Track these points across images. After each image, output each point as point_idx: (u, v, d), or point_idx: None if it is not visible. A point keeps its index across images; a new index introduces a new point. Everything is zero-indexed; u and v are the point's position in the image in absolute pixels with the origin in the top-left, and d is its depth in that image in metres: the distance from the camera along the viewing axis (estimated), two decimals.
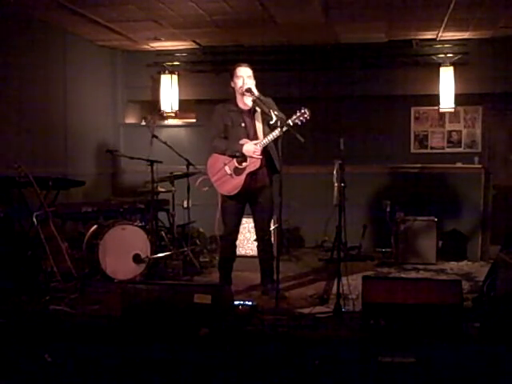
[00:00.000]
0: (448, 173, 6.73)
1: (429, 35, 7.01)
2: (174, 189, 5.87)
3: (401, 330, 3.52)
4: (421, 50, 7.26)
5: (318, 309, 4.25)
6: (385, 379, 3.07)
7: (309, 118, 4.32)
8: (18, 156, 5.15)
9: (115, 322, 3.82)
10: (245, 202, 4.68)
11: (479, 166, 6.96)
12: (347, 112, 7.59)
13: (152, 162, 5.51)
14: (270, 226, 4.81)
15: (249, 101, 4.52)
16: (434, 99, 7.17)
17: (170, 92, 7.70)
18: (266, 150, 4.50)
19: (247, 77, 4.53)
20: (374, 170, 7.05)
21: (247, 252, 6.36)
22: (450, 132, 7.60)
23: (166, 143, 5.70)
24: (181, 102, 7.78)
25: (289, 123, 4.29)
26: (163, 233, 6.11)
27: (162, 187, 5.98)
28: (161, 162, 5.61)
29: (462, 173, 6.72)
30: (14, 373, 3.22)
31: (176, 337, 3.50)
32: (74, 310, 4.16)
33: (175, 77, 7.73)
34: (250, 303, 3.95)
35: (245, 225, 5.96)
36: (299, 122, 4.32)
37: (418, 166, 6.97)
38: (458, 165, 7.09)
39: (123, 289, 3.87)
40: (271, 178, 4.67)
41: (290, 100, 5.95)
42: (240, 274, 5.15)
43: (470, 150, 7.51)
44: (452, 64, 7.07)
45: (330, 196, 5.76)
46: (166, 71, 7.70)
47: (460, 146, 7.57)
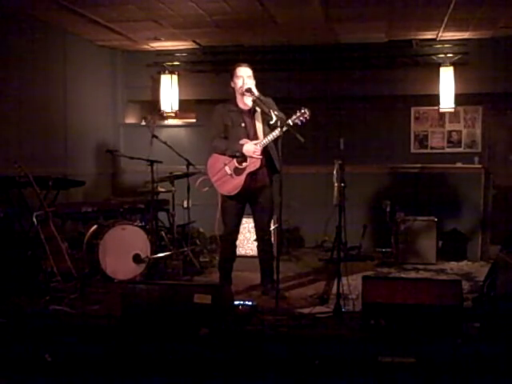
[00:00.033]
0: (448, 173, 6.73)
1: (429, 35, 7.00)
2: (174, 189, 5.87)
3: (401, 329, 3.52)
4: (421, 50, 7.25)
5: (318, 309, 4.25)
6: (385, 379, 3.07)
7: (309, 117, 4.32)
8: (18, 156, 5.14)
9: (115, 322, 3.82)
10: (245, 202, 4.67)
11: (479, 166, 6.96)
12: (347, 112, 7.58)
13: (152, 162, 5.51)
14: (270, 226, 4.80)
15: (249, 101, 4.52)
16: (434, 99, 7.17)
17: (170, 92, 7.69)
18: (266, 150, 4.50)
19: (247, 77, 4.53)
20: (373, 170, 7.04)
21: (247, 252, 6.36)
22: (449, 132, 7.60)
23: (166, 143, 5.70)
24: (181, 102, 7.78)
25: (289, 123, 4.28)
26: (163, 233, 6.11)
27: (161, 187, 5.98)
28: (161, 162, 5.61)
29: (461, 173, 6.72)
30: (14, 373, 3.22)
31: (176, 337, 3.50)
32: (73, 310, 4.16)
33: (175, 77, 7.72)
34: (250, 303, 3.95)
35: (245, 225, 5.95)
36: (299, 122, 4.32)
37: (418, 166, 6.97)
38: (458, 165, 7.09)
39: (123, 289, 3.87)
40: (271, 178, 4.67)
41: (289, 100, 5.94)
42: (240, 274, 5.15)
43: (469, 150, 7.50)
44: (452, 64, 7.06)
45: (330, 196, 5.76)
46: (166, 71, 7.70)
47: (460, 146, 7.56)
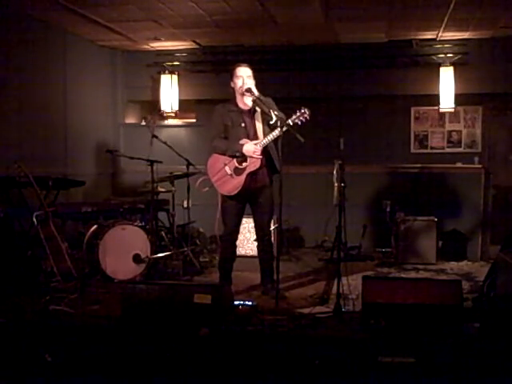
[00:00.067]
0: (448, 173, 6.73)
1: (429, 35, 7.00)
2: (174, 189, 5.87)
3: (401, 329, 3.52)
4: (421, 50, 7.25)
5: (318, 309, 4.25)
6: (385, 379, 3.07)
7: (309, 117, 4.32)
8: (18, 156, 5.14)
9: (115, 322, 3.82)
10: (245, 202, 4.67)
11: (479, 166, 6.96)
12: (347, 112, 7.58)
13: (152, 162, 5.51)
14: (270, 226, 4.80)
15: (249, 101, 4.52)
16: (434, 99, 7.17)
17: (170, 92, 7.69)
18: (266, 150, 4.50)
19: (247, 77, 4.52)
20: (374, 170, 7.04)
21: (247, 252, 6.36)
22: (450, 132, 7.60)
23: (166, 143, 5.70)
24: (181, 102, 7.78)
25: (289, 123, 4.28)
26: (163, 233, 6.10)
27: (161, 187, 5.98)
28: (161, 162, 5.61)
29: (462, 173, 6.72)
30: (14, 373, 3.22)
31: (176, 337, 3.50)
32: (73, 310, 4.16)
33: (175, 77, 7.72)
34: (250, 303, 3.94)
35: (245, 225, 5.95)
36: (299, 122, 4.31)
37: (418, 166, 6.97)
38: (458, 165, 7.09)
39: (123, 289, 3.88)
40: (271, 178, 4.67)
41: (289, 100, 5.94)
42: (240, 274, 5.15)
43: (469, 150, 7.50)
44: (452, 64, 7.06)
45: (330, 196, 5.77)
46: (166, 71, 7.70)
47: (460, 146, 7.56)
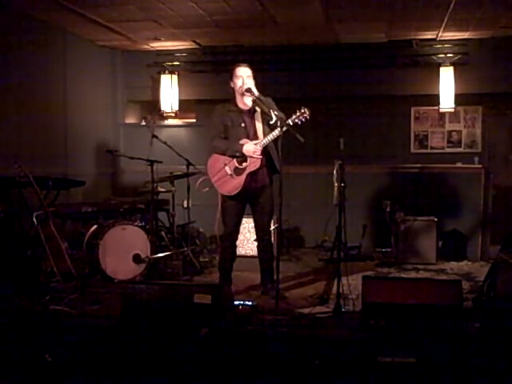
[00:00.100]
0: (448, 173, 6.74)
1: (429, 35, 7.00)
2: (174, 189, 5.87)
3: (401, 329, 3.52)
4: (421, 50, 7.24)
5: (318, 309, 4.25)
6: (385, 379, 3.07)
7: (308, 117, 4.32)
8: (18, 156, 5.14)
9: (115, 322, 3.82)
10: (245, 202, 4.67)
11: (479, 166, 6.96)
12: (347, 112, 7.58)
13: (152, 162, 5.51)
14: (270, 226, 4.80)
15: (249, 101, 4.52)
16: (434, 99, 7.16)
17: (170, 92, 7.69)
18: (266, 150, 4.50)
19: (247, 77, 4.52)
20: (373, 170, 7.05)
21: (247, 252, 6.36)
22: (450, 132, 7.59)
23: (166, 143, 5.71)
24: (181, 102, 7.77)
25: (288, 123, 4.28)
26: (163, 233, 6.11)
27: (161, 187, 5.99)
28: (161, 162, 5.61)
29: (462, 173, 6.73)
30: (14, 373, 3.23)
31: (176, 337, 3.50)
32: (74, 310, 4.16)
33: (175, 77, 7.72)
34: (250, 303, 3.94)
35: (245, 225, 5.96)
36: (299, 122, 4.31)
37: (418, 166, 6.97)
38: (458, 165, 7.09)
39: (123, 289, 3.87)
40: (271, 178, 4.67)
41: (289, 100, 5.94)
42: (240, 274, 5.15)
43: (469, 150, 7.49)
44: (452, 64, 7.06)
45: (330, 196, 5.77)
46: (166, 71, 7.70)
47: (460, 146, 7.55)
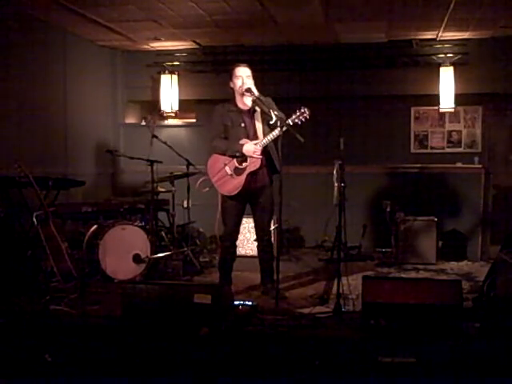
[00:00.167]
0: (448, 173, 6.73)
1: (429, 35, 7.00)
2: (174, 189, 5.87)
3: (401, 329, 3.52)
4: (421, 50, 7.25)
5: (318, 309, 4.25)
6: (385, 379, 3.07)
7: (308, 117, 4.31)
8: (18, 156, 5.14)
9: (115, 321, 3.82)
10: (245, 202, 4.67)
11: (479, 166, 6.96)
12: (347, 112, 7.58)
13: (152, 162, 5.51)
14: (270, 226, 4.80)
15: (248, 101, 4.52)
16: (434, 99, 7.17)
17: (170, 92, 7.69)
18: (266, 150, 4.49)
19: (246, 77, 4.52)
20: (373, 170, 7.04)
21: (247, 252, 6.36)
22: (450, 132, 7.60)
23: (166, 143, 5.71)
24: (181, 102, 7.78)
25: (288, 123, 4.28)
26: (163, 233, 6.11)
27: (161, 187, 5.99)
28: (161, 162, 5.61)
29: (462, 173, 6.72)
30: (14, 373, 3.22)
31: (176, 337, 3.50)
32: (73, 310, 4.16)
33: (175, 77, 7.72)
34: (250, 303, 3.95)
35: (245, 225, 5.95)
36: (299, 122, 4.31)
37: (418, 165, 6.97)
38: (458, 165, 7.09)
39: (123, 289, 3.87)
40: (271, 178, 4.66)
41: (289, 100, 5.94)
42: (240, 274, 5.15)
43: (469, 150, 7.50)
44: (452, 64, 7.07)
45: (329, 196, 5.77)
46: (166, 71, 7.70)
47: (460, 146, 7.56)
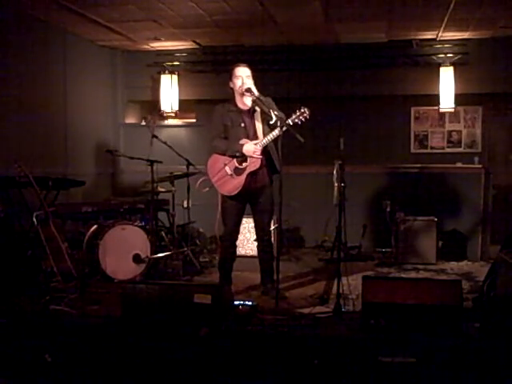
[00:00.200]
0: (448, 173, 6.73)
1: (429, 35, 7.01)
2: (174, 189, 5.87)
3: (401, 330, 3.52)
4: (421, 50, 7.26)
5: (318, 309, 4.25)
6: (385, 379, 3.07)
7: (308, 117, 4.31)
8: (18, 156, 5.14)
9: (115, 321, 3.82)
10: (245, 202, 4.67)
11: (479, 166, 6.96)
12: (347, 112, 7.58)
13: (152, 162, 5.51)
14: (270, 226, 4.80)
15: (248, 101, 4.52)
16: (434, 99, 7.17)
17: (170, 92, 7.70)
18: (265, 150, 4.49)
19: (246, 77, 4.52)
20: (373, 170, 7.04)
21: (247, 252, 6.36)
22: (450, 132, 7.60)
23: (166, 143, 5.70)
24: (181, 102, 7.78)
25: (288, 123, 4.28)
26: (163, 233, 6.10)
27: (161, 187, 5.99)
28: (161, 162, 5.61)
29: (462, 173, 6.72)
30: (14, 373, 3.23)
31: (176, 337, 3.50)
32: (74, 310, 4.16)
33: (175, 77, 7.73)
34: (250, 303, 3.94)
35: (245, 225, 5.95)
36: (299, 122, 4.31)
37: (418, 165, 6.97)
38: (458, 165, 7.09)
39: (123, 289, 3.87)
40: (271, 178, 4.66)
41: (289, 100, 5.95)
42: (240, 274, 5.15)
43: (469, 150, 7.51)
44: (452, 64, 7.07)
45: (330, 196, 5.77)
46: (166, 71, 7.70)
47: (460, 146, 7.56)
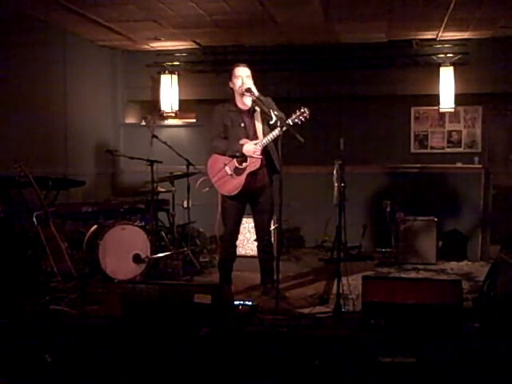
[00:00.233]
0: (448, 173, 6.73)
1: (429, 35, 7.01)
2: (174, 189, 5.87)
3: (401, 329, 3.52)
4: (421, 50, 7.26)
5: (318, 309, 4.25)
6: (385, 379, 3.07)
7: (308, 117, 4.31)
8: (18, 156, 5.14)
9: (115, 321, 3.82)
10: (245, 202, 4.67)
11: (479, 166, 6.96)
12: (347, 112, 7.58)
13: (152, 162, 5.51)
14: (270, 226, 4.80)
15: (248, 101, 4.51)
16: (434, 99, 7.17)
17: (170, 92, 7.70)
18: (265, 150, 4.49)
19: (246, 77, 4.52)
20: (373, 170, 7.04)
21: (247, 252, 6.36)
22: (450, 132, 7.60)
23: (166, 143, 5.70)
24: (181, 102, 7.78)
25: (288, 123, 4.27)
26: (163, 233, 6.10)
27: (161, 187, 5.99)
28: (161, 162, 5.61)
29: (462, 173, 6.72)
30: (14, 373, 3.23)
31: (176, 337, 3.50)
32: (73, 310, 4.15)
33: (175, 77, 7.73)
34: (250, 303, 3.94)
35: (245, 225, 5.95)
36: (299, 122, 4.30)
37: (418, 165, 6.97)
38: (458, 165, 7.09)
39: (123, 289, 3.87)
40: (271, 178, 4.66)
41: (289, 100, 5.95)
42: (240, 274, 5.15)
43: (469, 150, 7.51)
44: (452, 64, 7.07)
45: (329, 196, 5.77)
46: (166, 71, 7.70)
47: (460, 146, 7.57)
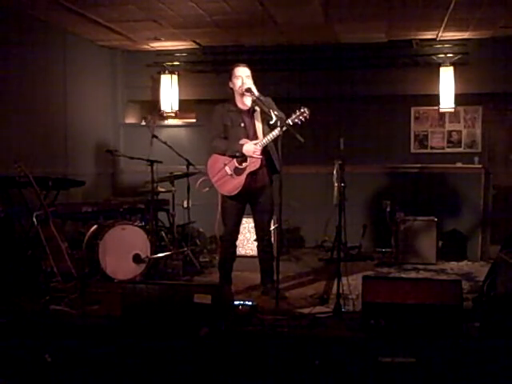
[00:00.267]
0: (448, 173, 6.73)
1: (429, 35, 7.00)
2: (174, 189, 5.87)
3: (401, 329, 3.52)
4: (421, 50, 7.25)
5: (318, 309, 4.25)
6: (385, 379, 3.07)
7: (308, 117, 4.31)
8: (18, 156, 5.14)
9: (115, 321, 3.82)
10: (245, 202, 4.67)
11: (479, 166, 6.96)
12: (347, 112, 7.58)
13: (152, 162, 5.51)
14: (270, 226, 4.80)
15: (248, 101, 4.52)
16: (434, 99, 7.17)
17: (170, 92, 7.70)
18: (265, 150, 4.49)
19: (246, 77, 4.52)
20: (373, 170, 7.04)
21: (247, 252, 6.36)
22: (450, 132, 7.60)
23: (166, 143, 5.71)
24: (181, 102, 7.78)
25: (288, 123, 4.28)
26: (163, 233, 6.10)
27: (161, 187, 5.99)
28: (161, 162, 5.62)
29: (462, 173, 6.72)
30: (14, 373, 3.22)
31: (176, 337, 3.50)
32: (74, 310, 4.16)
33: (175, 77, 7.73)
34: (249, 303, 3.95)
35: (245, 225, 5.96)
36: (299, 122, 4.31)
37: (418, 165, 6.97)
38: (458, 165, 7.09)
39: (123, 289, 3.87)
40: (271, 178, 4.66)
41: (289, 100, 5.94)
42: (240, 274, 5.15)
43: (469, 150, 7.50)
44: (452, 64, 7.07)
45: (329, 196, 5.77)
46: (166, 71, 7.70)
47: (460, 146, 7.56)
